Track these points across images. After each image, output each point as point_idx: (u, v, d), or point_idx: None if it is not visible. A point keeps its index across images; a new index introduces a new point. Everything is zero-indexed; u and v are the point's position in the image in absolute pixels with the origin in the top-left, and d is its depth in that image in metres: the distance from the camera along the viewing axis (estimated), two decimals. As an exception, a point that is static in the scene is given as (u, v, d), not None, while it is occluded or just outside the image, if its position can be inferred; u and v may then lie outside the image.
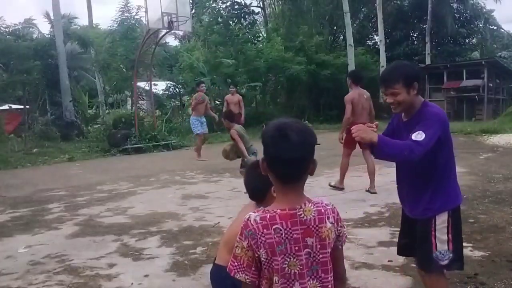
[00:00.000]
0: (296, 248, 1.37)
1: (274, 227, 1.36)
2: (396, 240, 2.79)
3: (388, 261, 3.54)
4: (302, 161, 1.38)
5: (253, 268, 1.39)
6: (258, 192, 2.04)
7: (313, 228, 1.39)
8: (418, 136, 2.16)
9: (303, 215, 1.38)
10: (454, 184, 2.40)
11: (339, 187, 6.47)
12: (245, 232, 1.39)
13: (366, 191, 6.19)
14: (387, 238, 4.13)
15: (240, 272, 1.39)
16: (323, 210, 1.42)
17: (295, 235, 1.37)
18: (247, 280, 1.40)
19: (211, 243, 4.21)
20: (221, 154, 6.63)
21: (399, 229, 2.60)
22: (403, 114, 2.43)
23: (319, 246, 1.39)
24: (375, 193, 6.07)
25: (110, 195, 6.90)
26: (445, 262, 2.30)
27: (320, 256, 1.40)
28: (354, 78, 6.39)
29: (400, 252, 2.73)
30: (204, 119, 10.60)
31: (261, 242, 1.36)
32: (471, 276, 3.17)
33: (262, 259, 1.37)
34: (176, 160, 10.77)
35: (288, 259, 1.37)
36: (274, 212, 1.39)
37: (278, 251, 1.36)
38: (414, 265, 3.41)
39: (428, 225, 2.33)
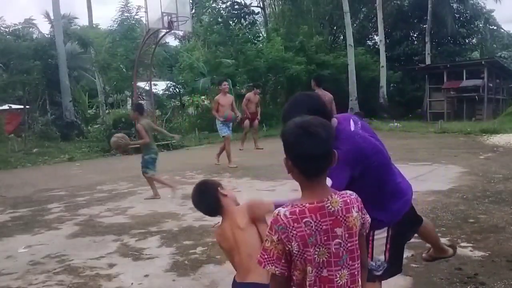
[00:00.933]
0: (325, 238, 1.44)
1: (304, 220, 1.43)
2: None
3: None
4: (329, 155, 1.44)
5: (283, 261, 1.46)
6: (212, 210, 2.16)
7: (341, 219, 1.46)
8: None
9: (330, 206, 1.45)
10: (395, 200, 2.24)
11: None
12: (275, 226, 1.44)
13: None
14: None
15: (270, 264, 1.46)
16: (348, 200, 1.49)
17: (324, 227, 1.44)
18: (277, 272, 1.46)
19: (211, 243, 4.21)
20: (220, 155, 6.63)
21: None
22: None
23: (347, 235, 1.46)
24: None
25: (110, 195, 6.90)
26: (379, 273, 2.25)
27: (349, 244, 1.47)
28: (317, 81, 7.75)
29: None
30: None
31: (292, 236, 1.42)
32: (471, 276, 3.17)
33: (294, 251, 1.43)
34: (176, 160, 10.77)
35: (318, 249, 1.44)
36: (303, 206, 1.44)
37: (309, 243, 1.43)
38: (414, 265, 3.42)
39: (368, 236, 2.23)
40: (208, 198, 2.20)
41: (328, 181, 1.98)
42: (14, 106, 17.75)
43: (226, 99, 9.42)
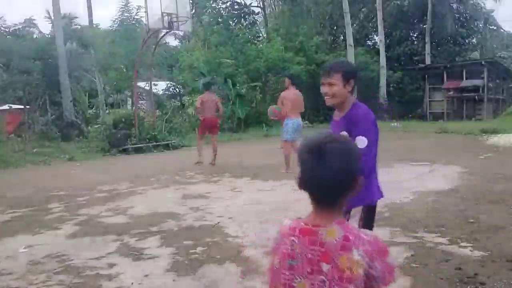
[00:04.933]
0: (309, 270, 1.23)
1: (291, 238, 1.27)
2: (396, 240, 2.79)
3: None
4: (338, 187, 1.22)
5: (271, 274, 1.33)
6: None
7: (331, 254, 1.21)
8: (361, 142, 2.23)
9: (324, 236, 1.22)
10: (376, 181, 2.47)
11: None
12: (276, 235, 1.34)
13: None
14: (387, 238, 4.12)
15: (267, 272, 1.37)
16: (351, 238, 1.21)
17: (310, 255, 1.23)
18: (268, 282, 1.35)
19: (211, 243, 4.21)
20: (220, 155, 6.63)
21: (399, 229, 2.60)
22: (335, 113, 2.52)
23: (336, 276, 1.20)
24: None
25: (110, 195, 6.90)
26: None
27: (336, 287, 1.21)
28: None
29: None
30: (299, 122, 8.10)
31: (278, 249, 1.30)
32: (471, 276, 3.17)
33: (275, 267, 1.30)
34: (176, 160, 10.77)
35: (298, 279, 1.25)
36: (299, 224, 1.28)
37: (288, 265, 1.25)
38: (414, 265, 3.42)
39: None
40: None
41: (363, 140, 2.21)
42: (14, 106, 17.73)
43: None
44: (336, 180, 1.20)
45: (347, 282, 1.19)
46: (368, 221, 2.45)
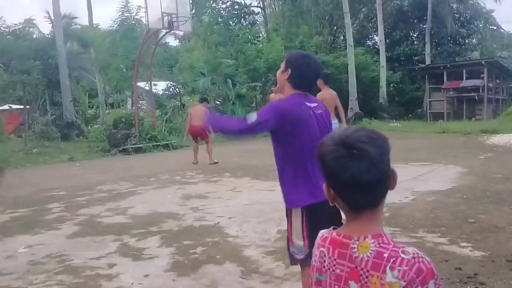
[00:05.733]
0: (336, 287, 1.08)
1: (320, 249, 1.13)
2: (396, 240, 2.78)
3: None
4: (383, 182, 1.05)
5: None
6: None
7: (361, 271, 1.04)
8: (252, 116, 2.25)
9: (356, 249, 1.05)
10: (308, 183, 2.29)
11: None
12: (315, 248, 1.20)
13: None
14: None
15: None
16: (386, 255, 1.02)
17: (338, 270, 1.07)
18: None
19: (211, 243, 4.21)
20: (220, 155, 6.63)
21: (399, 229, 2.59)
22: None
23: None
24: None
25: (110, 195, 6.90)
26: (301, 257, 2.32)
27: None
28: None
29: None
30: (336, 125, 7.92)
31: (313, 259, 1.16)
32: (471, 276, 3.17)
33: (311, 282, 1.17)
34: (176, 160, 10.77)
35: None
36: (331, 233, 1.13)
37: (315, 279, 1.12)
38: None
39: (287, 217, 2.39)
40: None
41: (254, 115, 2.22)
42: (14, 106, 17.76)
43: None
44: (374, 172, 1.02)
45: None
46: (310, 226, 2.27)
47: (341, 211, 1.15)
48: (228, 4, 23.48)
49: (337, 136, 1.07)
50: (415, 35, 27.97)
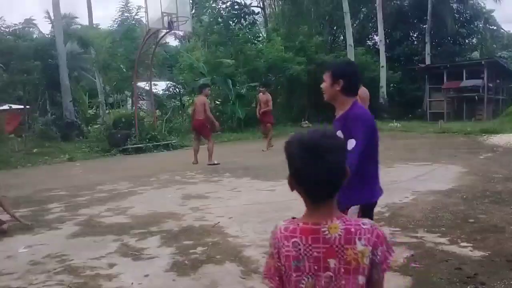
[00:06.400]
0: (316, 267, 1.25)
1: (292, 240, 1.27)
2: (396, 240, 2.79)
3: (388, 261, 3.53)
4: (335, 180, 1.26)
5: (277, 277, 1.33)
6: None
7: (336, 248, 1.23)
8: (351, 143, 2.32)
9: (327, 232, 1.24)
10: (378, 182, 2.52)
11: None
12: (272, 240, 1.33)
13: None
14: (387, 238, 4.13)
15: (267, 278, 1.36)
16: (353, 230, 1.24)
17: (315, 253, 1.24)
18: (270, 287, 1.35)
19: (211, 243, 4.21)
20: (220, 155, 6.62)
21: (399, 229, 2.60)
22: (336, 112, 2.62)
23: (342, 270, 1.23)
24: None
25: (110, 195, 6.90)
26: None
27: (343, 282, 1.24)
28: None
29: None
30: None
31: (281, 253, 1.29)
32: (471, 276, 3.17)
33: (282, 271, 1.30)
34: (176, 160, 10.77)
35: (306, 279, 1.26)
36: (297, 224, 1.28)
37: (293, 266, 1.26)
38: (414, 265, 3.42)
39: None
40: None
41: (352, 142, 2.28)
42: (14, 106, 17.72)
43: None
44: (333, 174, 1.23)
45: (354, 273, 1.23)
46: None
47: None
48: (228, 4, 23.41)
49: (304, 139, 1.26)
50: (415, 35, 27.94)
